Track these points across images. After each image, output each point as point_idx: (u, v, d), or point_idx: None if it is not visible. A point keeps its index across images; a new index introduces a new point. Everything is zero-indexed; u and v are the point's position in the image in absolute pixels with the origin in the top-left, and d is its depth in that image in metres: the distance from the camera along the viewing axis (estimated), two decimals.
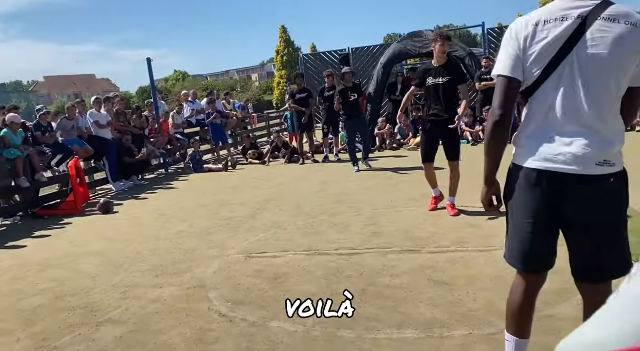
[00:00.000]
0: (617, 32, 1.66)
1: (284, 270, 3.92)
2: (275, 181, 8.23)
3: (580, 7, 1.70)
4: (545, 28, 1.74)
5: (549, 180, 1.77)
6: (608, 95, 1.72)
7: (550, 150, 1.75)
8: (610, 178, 1.72)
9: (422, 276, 3.53)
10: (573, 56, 1.70)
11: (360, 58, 15.69)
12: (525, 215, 1.87)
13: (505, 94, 1.81)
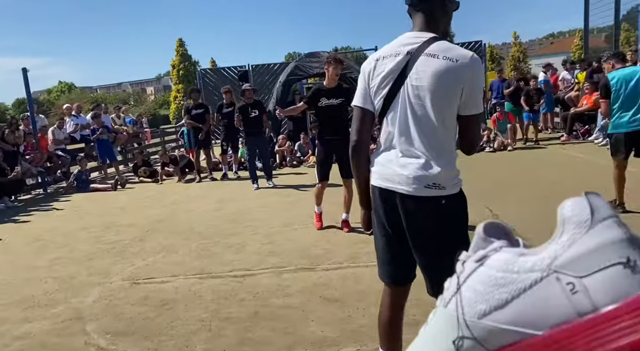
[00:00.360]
0: (435, 67, 1.78)
1: (172, 296, 3.72)
2: (168, 200, 7.87)
3: (411, 43, 1.85)
4: (382, 63, 1.91)
5: (390, 198, 1.92)
6: (433, 125, 1.83)
7: (390, 171, 1.91)
8: (441, 200, 1.84)
9: (315, 294, 3.55)
10: (404, 88, 1.86)
11: (260, 74, 15.75)
12: (379, 230, 2.04)
13: (358, 122, 2.00)
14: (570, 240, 0.36)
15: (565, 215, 0.37)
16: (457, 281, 0.44)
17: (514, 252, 0.40)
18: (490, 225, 0.45)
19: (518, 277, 0.39)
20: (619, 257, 0.34)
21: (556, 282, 0.36)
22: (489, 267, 0.41)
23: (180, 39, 30.28)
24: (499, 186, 6.65)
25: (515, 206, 5.51)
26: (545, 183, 6.48)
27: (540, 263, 0.37)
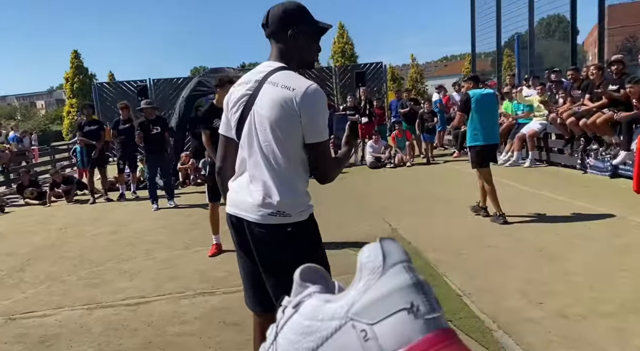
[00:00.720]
0: (273, 96, 1.81)
1: (55, 331, 3.40)
2: (56, 224, 7.24)
3: (261, 72, 1.89)
4: (237, 90, 1.95)
5: (241, 225, 1.93)
6: (276, 152, 1.83)
7: (240, 197, 1.92)
8: (286, 227, 1.85)
9: (214, 320, 3.43)
10: (252, 115, 1.89)
11: (162, 89, 15.20)
12: (238, 257, 2.05)
13: (222, 149, 2.05)
14: (365, 287, 0.37)
15: (361, 262, 0.38)
16: (275, 329, 0.44)
17: (322, 299, 0.40)
18: (308, 269, 0.45)
19: (322, 325, 0.39)
20: (405, 302, 0.36)
21: (352, 330, 0.37)
22: (300, 314, 0.41)
23: (76, 51, 28.35)
24: (398, 200, 6.97)
25: (411, 219, 5.79)
26: (436, 198, 6.90)
27: (340, 310, 0.38)
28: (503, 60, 18.53)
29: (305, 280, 0.44)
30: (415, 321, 0.35)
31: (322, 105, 1.82)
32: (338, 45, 30.74)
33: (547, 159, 9.07)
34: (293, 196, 1.86)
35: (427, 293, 0.36)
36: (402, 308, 0.35)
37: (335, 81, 18.23)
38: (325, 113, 1.84)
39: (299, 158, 1.86)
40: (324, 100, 1.83)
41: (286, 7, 1.90)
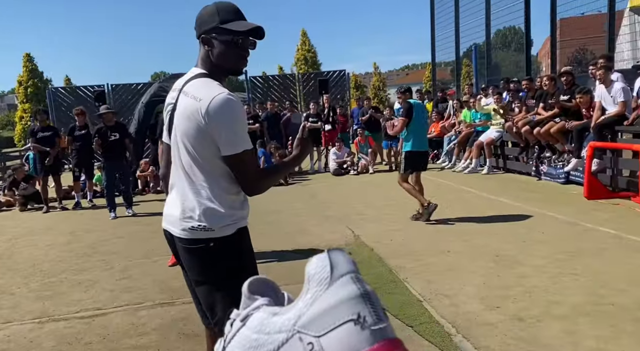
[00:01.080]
0: (183, 106, 1.74)
1: (3, 346, 3.23)
2: (6, 234, 6.90)
3: (183, 79, 1.84)
4: (169, 97, 1.91)
5: (171, 238, 1.91)
6: (193, 165, 1.75)
7: (168, 210, 1.90)
8: (209, 242, 1.77)
9: (173, 331, 3.34)
10: (174, 127, 1.84)
11: (120, 95, 14.83)
12: (183, 271, 2.01)
13: (164, 154, 2.04)
14: (312, 298, 0.37)
15: (309, 273, 0.38)
16: (222, 344, 0.43)
17: (269, 311, 0.40)
18: (256, 281, 0.44)
19: (268, 338, 0.38)
20: (351, 313, 0.35)
21: (299, 342, 0.36)
22: (248, 328, 0.40)
23: (28, 54, 27.27)
24: (361, 207, 7.02)
25: (373, 226, 5.84)
26: (398, 204, 7.00)
27: (287, 323, 0.37)
28: (462, 70, 19.08)
29: (253, 292, 0.43)
30: (362, 332, 0.35)
31: (232, 116, 1.69)
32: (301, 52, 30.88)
33: (503, 166, 9.36)
34: (214, 210, 1.76)
35: (374, 304, 0.36)
36: (348, 319, 0.35)
37: (299, 88, 18.27)
38: (238, 124, 1.72)
39: (218, 171, 1.76)
40: (233, 110, 1.68)
41: (203, 10, 1.80)
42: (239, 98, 1.76)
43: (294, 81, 18.69)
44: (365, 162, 10.78)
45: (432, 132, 11.58)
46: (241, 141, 1.72)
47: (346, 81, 18.27)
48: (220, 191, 1.78)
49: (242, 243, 1.85)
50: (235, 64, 1.80)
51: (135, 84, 15.30)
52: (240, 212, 1.84)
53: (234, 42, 1.76)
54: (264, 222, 6.49)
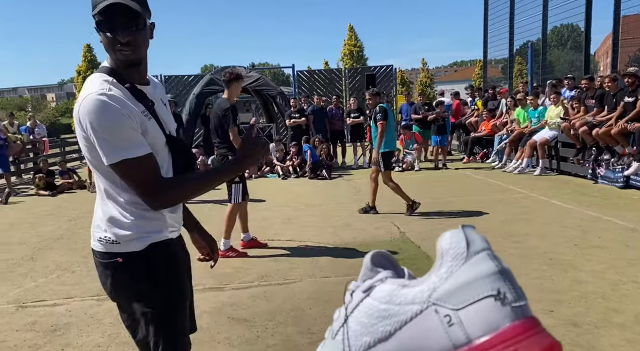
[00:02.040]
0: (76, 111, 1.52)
1: (65, 320, 3.42)
2: (67, 216, 7.28)
3: None
4: None
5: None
6: (96, 171, 1.58)
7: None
8: (117, 257, 1.58)
9: (223, 315, 3.44)
10: None
11: (173, 86, 15.27)
12: None
13: None
14: (448, 273, 0.37)
15: (443, 248, 0.39)
16: (345, 312, 0.44)
17: (397, 283, 0.41)
18: (378, 254, 0.45)
19: (400, 309, 0.39)
20: (491, 289, 0.36)
21: (434, 314, 0.37)
22: (374, 299, 0.41)
23: (88, 45, 28.56)
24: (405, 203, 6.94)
25: (419, 223, 5.78)
26: (446, 202, 6.89)
27: (420, 295, 0.38)
28: (514, 68, 18.49)
29: (376, 265, 0.44)
30: (503, 308, 0.35)
31: (99, 121, 1.44)
32: (347, 47, 30.80)
33: (557, 168, 9.02)
34: (119, 220, 1.56)
35: (512, 282, 0.36)
36: (488, 295, 0.36)
37: (345, 83, 18.24)
38: (107, 130, 1.45)
39: (119, 179, 1.54)
40: (100, 114, 1.43)
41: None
42: (120, 98, 1.47)
43: (340, 76, 18.67)
44: (411, 159, 10.66)
45: (482, 130, 11.30)
46: (116, 150, 1.46)
47: (393, 76, 18.09)
48: (125, 200, 1.57)
49: (158, 260, 1.60)
50: (114, 53, 1.51)
51: (187, 76, 15.71)
52: (155, 223, 1.60)
53: (100, 28, 1.49)
54: (308, 214, 6.55)
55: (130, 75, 1.55)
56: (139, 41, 1.50)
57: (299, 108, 11.34)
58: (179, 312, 1.66)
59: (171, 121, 1.70)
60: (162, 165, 1.59)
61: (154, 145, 1.56)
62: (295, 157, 10.55)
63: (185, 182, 1.64)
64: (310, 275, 4.16)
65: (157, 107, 1.63)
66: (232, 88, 4.83)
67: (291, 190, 8.76)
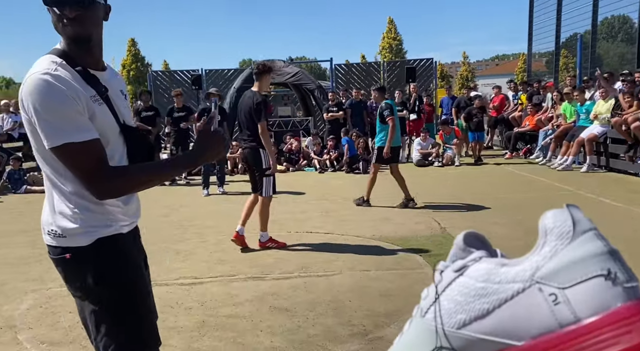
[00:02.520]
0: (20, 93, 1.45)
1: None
2: None
3: None
4: None
5: None
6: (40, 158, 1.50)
7: None
8: (64, 251, 1.50)
9: (265, 304, 3.50)
10: None
11: (213, 80, 15.53)
12: None
13: None
14: (552, 252, 0.37)
15: (547, 226, 0.38)
16: (435, 291, 0.44)
17: (495, 262, 0.40)
18: (470, 235, 0.45)
19: (500, 287, 0.39)
20: (601, 269, 0.35)
21: (538, 293, 0.37)
22: (469, 277, 0.41)
23: (132, 39, 29.42)
24: (446, 199, 6.85)
25: (460, 218, 5.68)
26: (488, 198, 6.74)
27: (523, 273, 0.38)
28: (560, 61, 17.86)
29: (468, 244, 0.44)
30: (614, 288, 0.34)
31: (41, 100, 1.37)
32: (386, 40, 30.49)
33: (606, 165, 8.67)
34: (64, 212, 1.48)
35: (622, 262, 0.36)
36: (598, 274, 0.35)
37: (383, 76, 18.07)
38: (50, 111, 1.37)
39: (62, 166, 1.45)
40: (43, 93, 1.36)
41: None
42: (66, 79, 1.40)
43: (378, 69, 18.52)
44: (451, 154, 10.48)
45: (526, 125, 10.99)
46: (58, 132, 1.37)
47: (433, 70, 17.79)
48: (70, 190, 1.48)
49: (106, 257, 1.51)
50: (63, 30, 1.44)
51: (226, 70, 15.93)
52: (101, 217, 1.51)
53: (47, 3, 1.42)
54: (346, 208, 6.55)
55: (83, 58, 1.47)
56: (88, 18, 1.43)
57: (337, 102, 11.33)
58: (131, 314, 1.55)
59: (128, 112, 1.62)
60: (113, 155, 1.50)
61: (104, 132, 1.47)
62: (332, 151, 10.56)
63: (134, 172, 1.55)
64: (350, 268, 4.17)
65: (112, 95, 1.54)
66: (263, 80, 4.78)
67: (328, 183, 8.79)
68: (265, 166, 4.76)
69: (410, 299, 3.44)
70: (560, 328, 0.35)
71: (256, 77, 4.82)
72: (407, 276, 3.89)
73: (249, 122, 4.75)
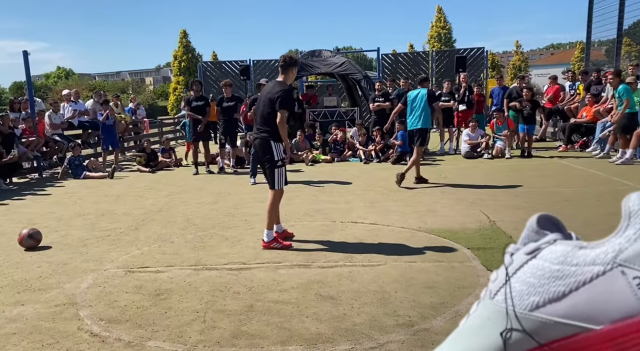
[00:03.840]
0: None
1: (167, 286, 3.70)
2: (164, 191, 7.83)
3: None
4: None
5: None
6: None
7: None
8: None
9: (310, 291, 3.54)
10: None
11: (261, 70, 15.71)
12: None
13: None
14: (637, 234, 0.36)
15: (631, 209, 0.37)
16: (505, 273, 0.44)
17: (572, 245, 0.40)
18: (544, 217, 0.44)
19: (577, 270, 0.38)
20: None
21: (621, 276, 0.36)
22: (544, 260, 0.40)
23: (184, 30, 30.07)
24: (496, 192, 6.67)
25: (510, 212, 5.52)
26: (540, 192, 6.51)
27: (604, 256, 0.37)
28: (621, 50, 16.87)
29: (542, 227, 0.43)
30: None
31: None
32: (435, 29, 29.76)
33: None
34: None
35: None
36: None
37: (432, 66, 17.71)
38: None
39: None
40: None
41: None
42: None
43: (426, 59, 18.15)
44: (501, 146, 10.16)
45: (583, 117, 10.49)
46: None
47: (484, 59, 17.26)
48: None
49: None
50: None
51: (274, 60, 16.07)
52: None
53: None
54: (391, 199, 6.50)
55: None
56: None
57: (384, 92, 11.20)
58: None
59: None
60: None
61: None
62: (379, 142, 10.47)
63: None
64: (395, 259, 4.15)
65: None
66: (289, 73, 4.66)
67: (374, 174, 8.73)
68: (277, 158, 4.62)
69: (456, 292, 3.39)
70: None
71: (282, 70, 4.68)
72: (454, 269, 3.83)
73: (268, 111, 4.56)
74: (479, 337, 0.44)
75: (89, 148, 11.38)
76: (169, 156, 10.64)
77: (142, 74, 75.38)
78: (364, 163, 10.20)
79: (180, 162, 10.73)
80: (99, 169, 9.72)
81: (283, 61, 4.66)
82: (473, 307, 0.47)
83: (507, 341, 0.42)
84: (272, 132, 4.59)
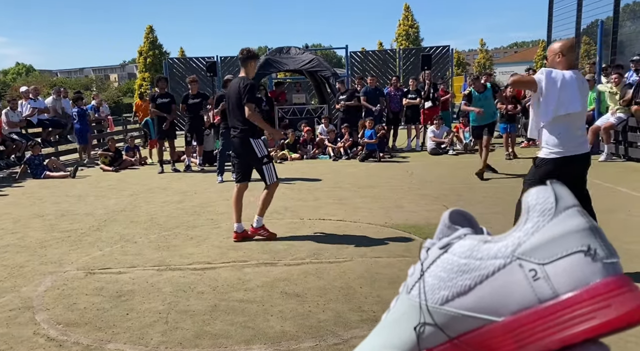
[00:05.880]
0: None
1: (129, 287, 3.63)
2: (129, 190, 7.65)
3: None
4: None
5: None
6: None
7: None
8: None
9: (276, 289, 3.53)
10: None
11: (229, 67, 15.54)
12: None
13: None
14: (534, 228, 0.37)
15: (529, 203, 0.38)
16: (420, 268, 0.44)
17: (478, 239, 0.40)
18: (456, 212, 0.45)
19: (481, 264, 0.39)
20: (581, 245, 0.35)
21: (519, 269, 0.37)
22: (453, 254, 0.41)
23: (151, 26, 29.43)
24: (459, 187, 6.80)
25: (471, 208, 5.63)
26: (500, 186, 6.67)
27: (504, 250, 0.38)
28: (580, 49, 17.46)
29: (454, 222, 0.44)
30: (593, 264, 0.34)
31: None
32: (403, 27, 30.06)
33: (625, 154, 8.51)
34: None
35: (603, 239, 0.35)
36: (578, 250, 0.35)
37: (399, 64, 17.90)
38: None
39: None
40: None
41: None
42: None
43: (394, 57, 18.33)
44: (467, 142, 10.36)
45: None
46: None
47: (450, 57, 17.56)
48: None
49: None
50: None
51: None
52: None
53: None
54: (359, 196, 6.55)
55: None
56: None
57: (352, 90, 11.25)
58: None
59: None
60: None
61: None
62: (348, 139, 10.51)
63: None
64: (361, 255, 4.18)
65: None
66: (249, 66, 4.64)
67: (343, 171, 8.77)
68: (259, 155, 4.63)
69: None
70: (540, 303, 0.35)
71: (241, 63, 4.67)
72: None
73: (238, 109, 4.57)
74: (396, 331, 0.45)
75: (50, 147, 11.02)
76: (133, 155, 10.42)
77: (106, 71, 73.54)
78: (333, 161, 10.22)
79: (145, 161, 10.53)
80: (60, 168, 9.42)
81: (241, 54, 4.66)
82: (392, 302, 0.48)
83: (421, 336, 0.42)
84: (247, 130, 4.59)
